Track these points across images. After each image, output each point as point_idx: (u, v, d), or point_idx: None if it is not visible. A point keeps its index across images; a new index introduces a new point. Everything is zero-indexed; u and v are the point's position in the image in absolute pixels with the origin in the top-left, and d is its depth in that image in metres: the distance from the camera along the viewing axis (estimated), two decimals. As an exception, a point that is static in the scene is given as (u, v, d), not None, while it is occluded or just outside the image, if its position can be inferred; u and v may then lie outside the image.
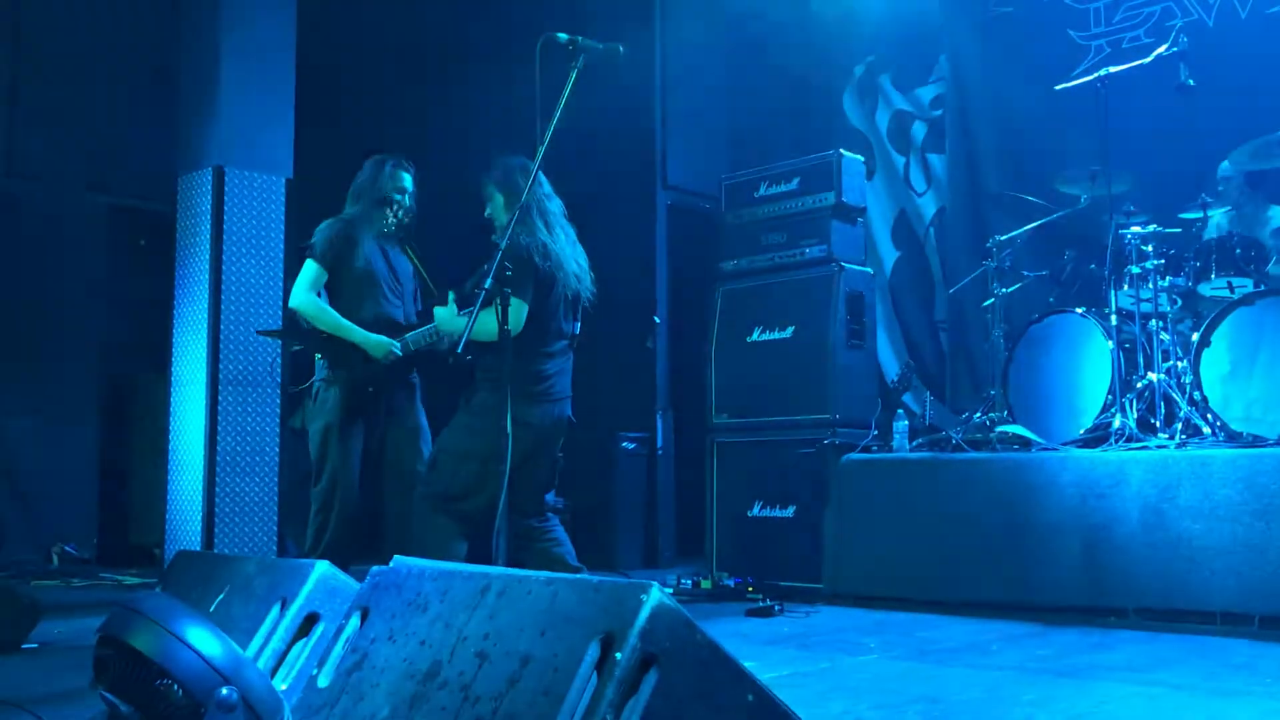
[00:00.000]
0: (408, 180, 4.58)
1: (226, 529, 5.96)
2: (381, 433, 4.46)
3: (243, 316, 6.05)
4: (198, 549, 5.85)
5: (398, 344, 4.35)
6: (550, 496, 4.28)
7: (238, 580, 2.79)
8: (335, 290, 4.47)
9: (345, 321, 4.36)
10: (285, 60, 6.36)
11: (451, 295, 4.17)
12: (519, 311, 3.89)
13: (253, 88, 6.23)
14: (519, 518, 4.07)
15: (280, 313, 6.09)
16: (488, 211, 4.24)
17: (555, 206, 4.17)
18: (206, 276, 6.06)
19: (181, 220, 6.33)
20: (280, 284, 6.16)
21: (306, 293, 4.41)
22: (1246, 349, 4.69)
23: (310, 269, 4.43)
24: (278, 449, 6.15)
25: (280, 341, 5.96)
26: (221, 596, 2.78)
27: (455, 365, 3.95)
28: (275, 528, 6.14)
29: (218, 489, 5.93)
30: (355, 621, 2.23)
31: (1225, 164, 5.53)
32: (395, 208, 4.54)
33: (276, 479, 6.15)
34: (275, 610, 2.58)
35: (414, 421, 4.51)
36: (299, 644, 2.54)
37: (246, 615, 2.64)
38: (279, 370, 6.06)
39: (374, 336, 4.34)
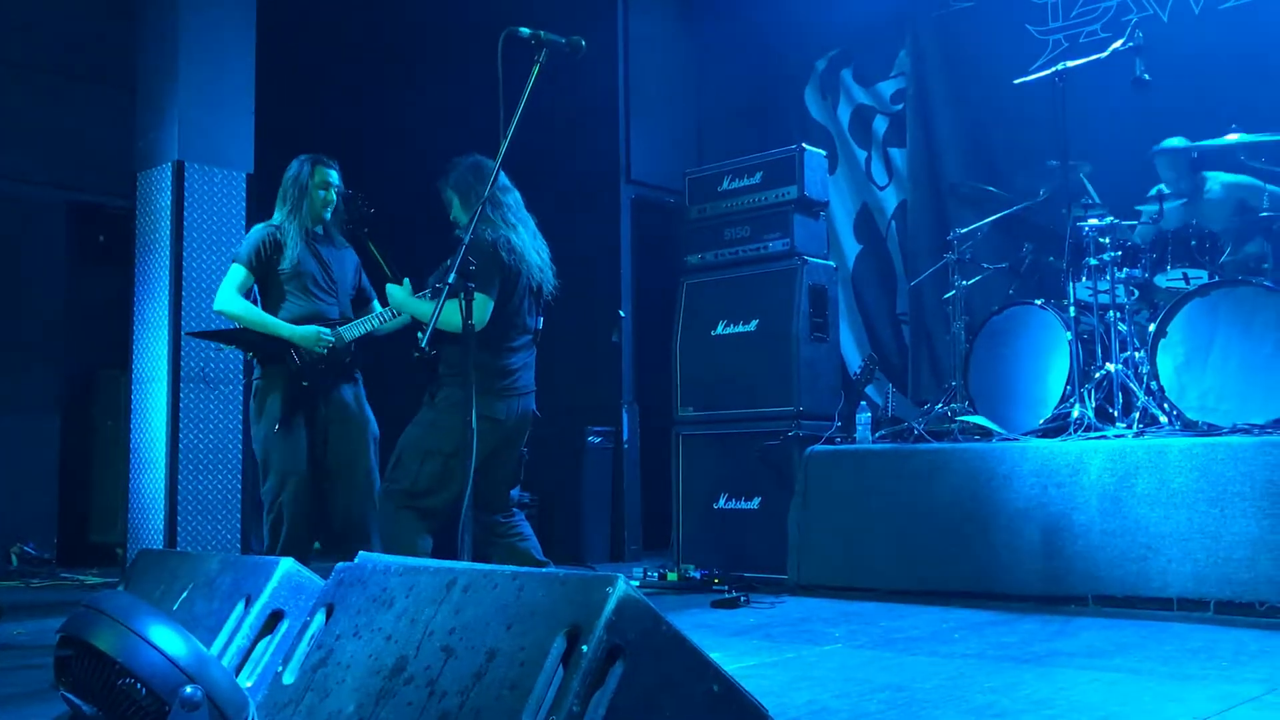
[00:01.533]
0: (332, 175, 4.57)
1: (189, 527, 5.91)
2: (324, 428, 4.43)
3: (204, 313, 6.00)
4: (160, 547, 5.80)
5: (329, 331, 4.39)
6: (515, 491, 4.28)
7: (201, 578, 2.77)
8: (266, 292, 4.52)
9: (271, 319, 4.41)
10: (245, 54, 6.30)
11: (406, 280, 4.16)
12: (484, 307, 3.89)
13: (212, 82, 6.17)
14: (485, 513, 4.07)
15: (242, 309, 6.04)
16: (452, 215, 4.23)
17: (513, 199, 4.15)
18: (167, 273, 6.01)
19: (141, 216, 6.27)
20: (242, 280, 6.10)
21: (231, 295, 4.45)
22: (1201, 339, 4.77)
23: (236, 273, 4.47)
24: (240, 446, 6.11)
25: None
26: (185, 595, 2.76)
27: (419, 360, 3.95)
28: (239, 525, 6.10)
29: (180, 487, 5.88)
30: (320, 618, 2.23)
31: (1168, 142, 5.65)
32: (321, 205, 4.53)
33: (240, 476, 6.10)
34: (239, 608, 2.57)
35: (357, 415, 4.49)
36: (263, 641, 2.53)
37: (210, 613, 2.62)
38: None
39: (302, 328, 4.37)
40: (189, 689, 1.98)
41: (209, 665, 2.07)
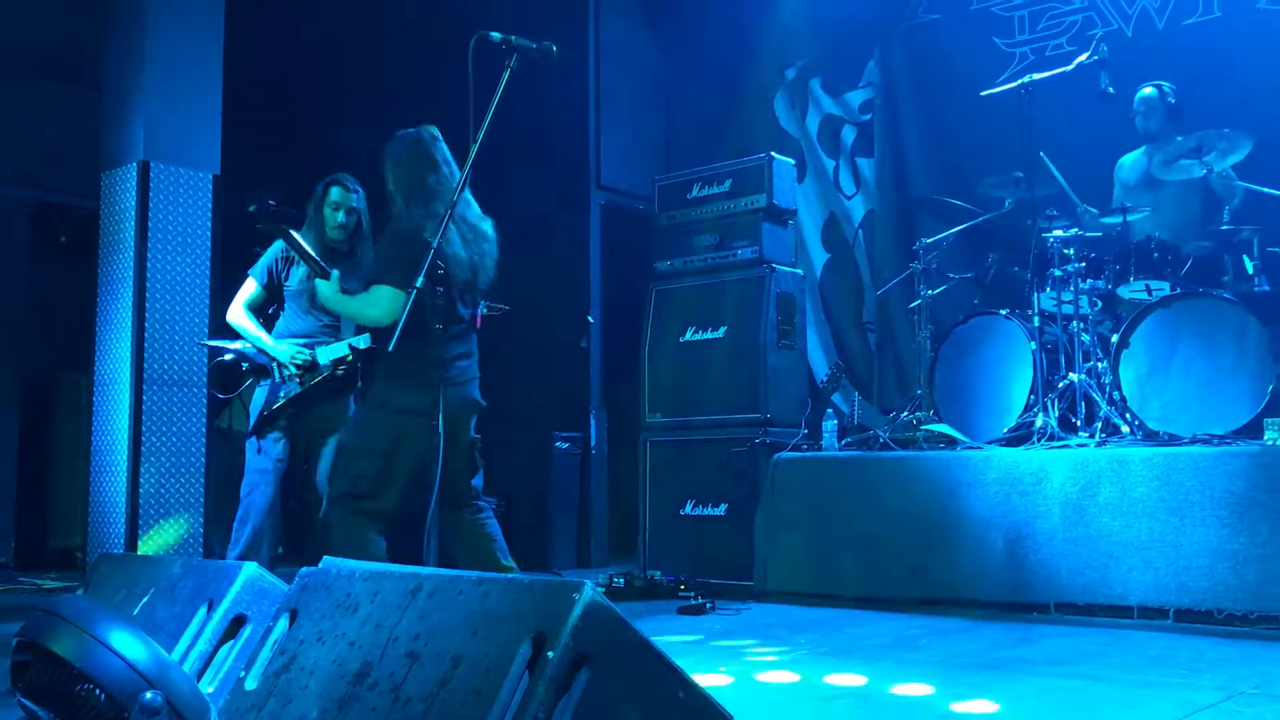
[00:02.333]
0: (352, 199, 4.71)
1: (152, 531, 5.85)
2: (306, 440, 4.62)
3: (168, 315, 5.94)
4: (121, 551, 5.73)
5: (306, 352, 4.54)
6: (478, 480, 4.17)
7: (163, 582, 2.74)
8: (279, 306, 4.75)
9: (259, 334, 4.64)
10: (213, 54, 6.25)
11: (336, 273, 4.06)
12: (394, 299, 3.69)
13: (179, 82, 6.11)
14: (448, 509, 3.89)
15: (207, 312, 6.02)
16: (389, 186, 4.01)
17: (442, 183, 3.86)
18: (131, 274, 5.94)
19: (105, 216, 6.19)
20: (207, 282, 6.05)
21: (238, 307, 4.70)
22: (1163, 350, 4.83)
23: (247, 286, 4.72)
24: (204, 449, 6.04)
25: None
26: (146, 599, 2.73)
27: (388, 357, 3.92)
28: (201, 529, 6.04)
29: (142, 490, 5.81)
30: (284, 623, 2.21)
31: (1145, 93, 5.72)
32: (332, 225, 4.67)
33: (203, 480, 6.04)
34: (201, 612, 2.55)
35: (336, 430, 4.58)
36: (226, 646, 2.50)
37: (172, 618, 2.60)
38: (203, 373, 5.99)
39: (283, 347, 4.58)
40: (149, 694, 1.96)
41: (169, 670, 2.05)
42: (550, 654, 1.68)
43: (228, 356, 4.68)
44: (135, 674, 1.98)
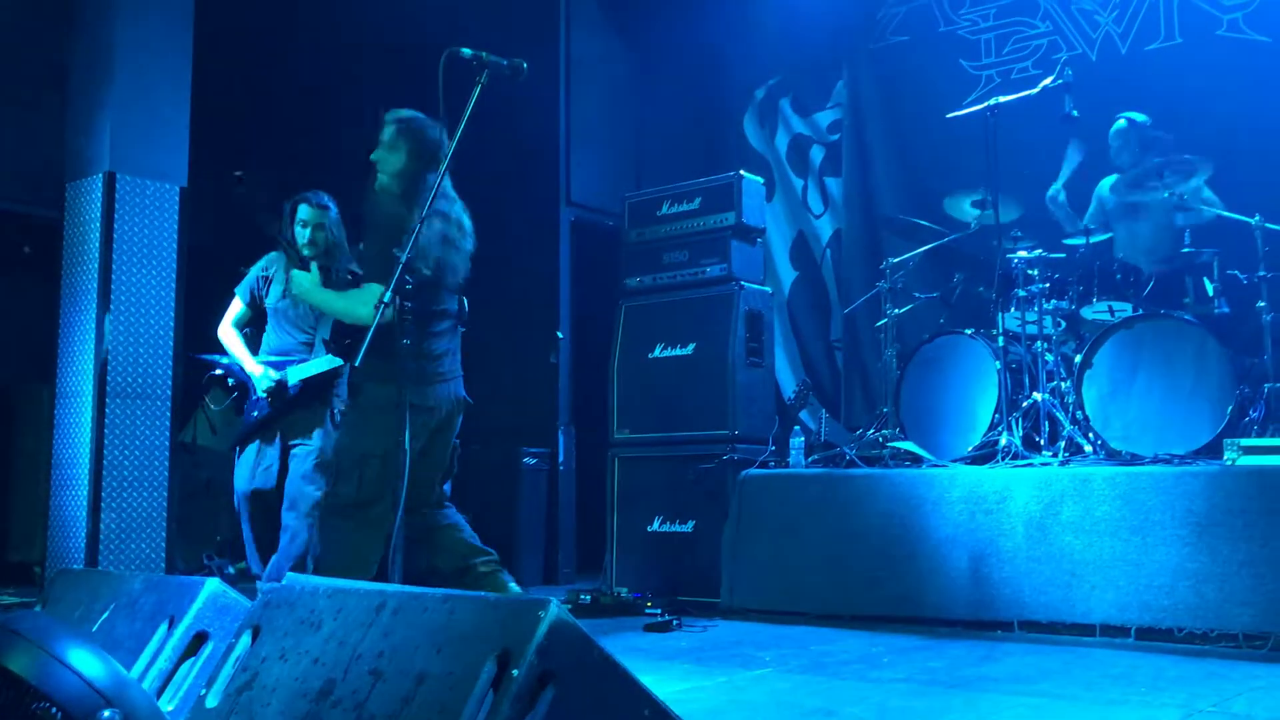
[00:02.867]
0: (308, 214, 4.79)
1: (112, 546, 5.77)
2: (288, 454, 4.72)
3: (133, 328, 5.88)
4: (81, 567, 5.66)
5: (275, 378, 4.67)
6: (448, 486, 4.06)
7: (123, 598, 2.71)
8: (263, 323, 4.94)
9: (242, 354, 4.82)
10: (182, 65, 6.21)
11: (315, 266, 4.07)
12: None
13: (147, 92, 6.07)
14: (415, 514, 3.81)
15: (172, 324, 5.98)
16: (374, 154, 3.91)
17: (427, 188, 3.74)
18: (95, 286, 5.88)
19: (70, 227, 6.13)
20: (172, 295, 6.00)
21: (226, 324, 4.91)
22: (1126, 370, 4.89)
23: (234, 304, 4.93)
24: (167, 463, 5.98)
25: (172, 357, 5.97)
26: (106, 615, 2.70)
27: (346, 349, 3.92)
28: (164, 545, 5.97)
29: (104, 505, 5.74)
30: (246, 640, 2.19)
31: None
32: (302, 242, 4.77)
33: (166, 494, 5.98)
34: (162, 629, 2.52)
35: (309, 445, 4.67)
36: (187, 663, 2.48)
37: (132, 634, 2.57)
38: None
39: (258, 370, 4.74)
40: (107, 713, 1.93)
41: (128, 688, 2.02)
42: (515, 672, 1.68)
43: (218, 371, 4.80)
44: (93, 692, 1.96)
